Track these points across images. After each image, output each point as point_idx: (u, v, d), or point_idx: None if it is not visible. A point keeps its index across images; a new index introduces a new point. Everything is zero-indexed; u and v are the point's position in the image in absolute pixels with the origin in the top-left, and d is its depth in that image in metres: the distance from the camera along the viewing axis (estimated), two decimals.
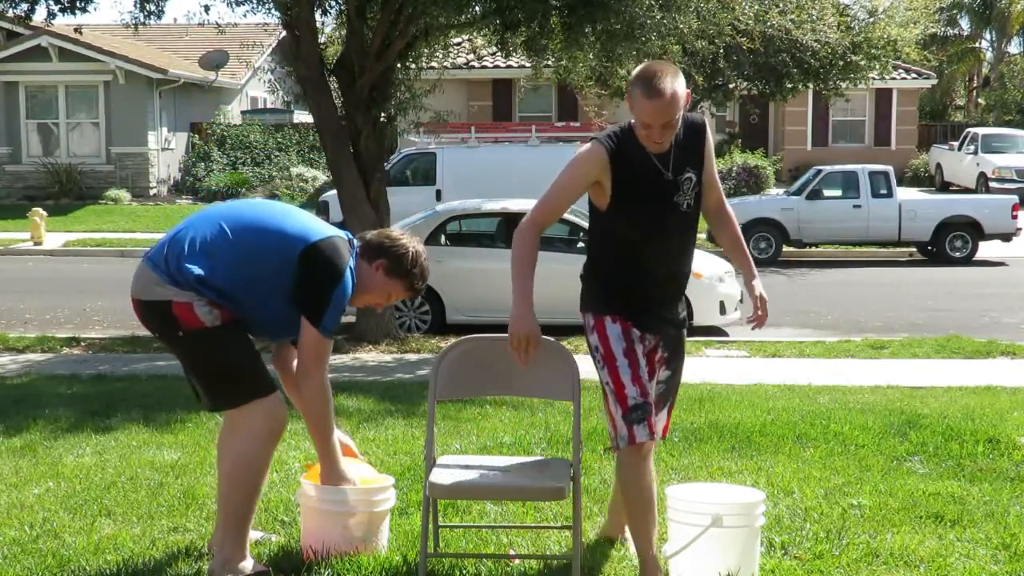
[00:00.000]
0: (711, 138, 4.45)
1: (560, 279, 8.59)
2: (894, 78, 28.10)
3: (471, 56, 20.43)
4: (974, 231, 20.12)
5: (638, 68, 4.22)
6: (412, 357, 11.21)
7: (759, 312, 4.51)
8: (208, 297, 4.26)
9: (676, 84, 4.11)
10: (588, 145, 4.31)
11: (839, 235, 20.71)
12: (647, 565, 4.22)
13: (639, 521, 4.24)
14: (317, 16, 12.31)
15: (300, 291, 4.31)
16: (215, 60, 30.39)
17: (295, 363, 4.51)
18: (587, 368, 4.41)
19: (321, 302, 4.30)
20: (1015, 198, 20.85)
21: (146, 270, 4.35)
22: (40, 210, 22.91)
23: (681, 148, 4.29)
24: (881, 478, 5.92)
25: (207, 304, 4.26)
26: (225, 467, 4.45)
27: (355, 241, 4.53)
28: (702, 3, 12.64)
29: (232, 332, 4.31)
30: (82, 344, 11.79)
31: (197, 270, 4.24)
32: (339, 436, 4.67)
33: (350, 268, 4.37)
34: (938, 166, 31.28)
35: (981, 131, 30.31)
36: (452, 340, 5.16)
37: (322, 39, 13.30)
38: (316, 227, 4.42)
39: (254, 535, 4.62)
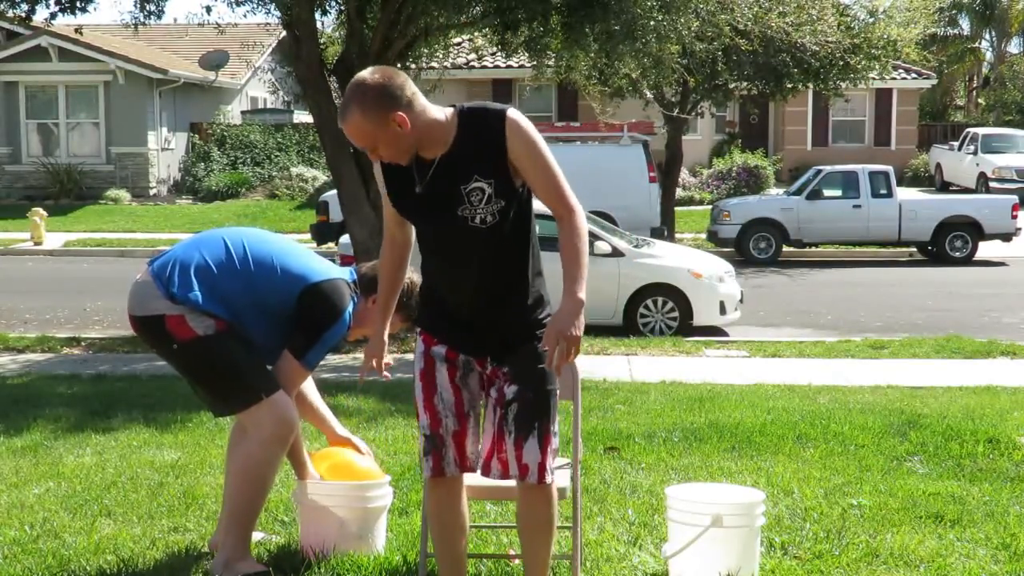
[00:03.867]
0: (527, 133, 3.53)
1: (554, 279, 8.54)
2: (894, 78, 28.09)
3: (471, 56, 20.41)
4: (974, 231, 20.15)
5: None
6: (412, 357, 11.19)
7: (551, 350, 3.47)
8: (202, 311, 4.28)
9: (358, 114, 3.41)
10: None
11: (839, 235, 20.74)
12: None
13: (439, 557, 3.87)
14: (317, 16, 12.32)
15: (294, 326, 4.36)
16: (215, 60, 30.40)
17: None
18: (587, 368, 4.41)
19: (310, 339, 4.37)
20: (1015, 198, 20.89)
21: (147, 281, 4.36)
22: (40, 210, 22.93)
23: (461, 155, 3.52)
24: (881, 478, 5.92)
25: (201, 315, 4.27)
26: (233, 468, 4.47)
27: (356, 278, 4.55)
28: (701, 4, 12.64)
29: (227, 337, 4.31)
30: (82, 344, 11.79)
31: (196, 296, 4.26)
32: (350, 437, 4.79)
33: (348, 311, 4.42)
34: (938, 166, 31.27)
35: (981, 131, 30.30)
36: None
37: (322, 39, 13.30)
38: (319, 267, 4.46)
39: (255, 536, 4.63)
